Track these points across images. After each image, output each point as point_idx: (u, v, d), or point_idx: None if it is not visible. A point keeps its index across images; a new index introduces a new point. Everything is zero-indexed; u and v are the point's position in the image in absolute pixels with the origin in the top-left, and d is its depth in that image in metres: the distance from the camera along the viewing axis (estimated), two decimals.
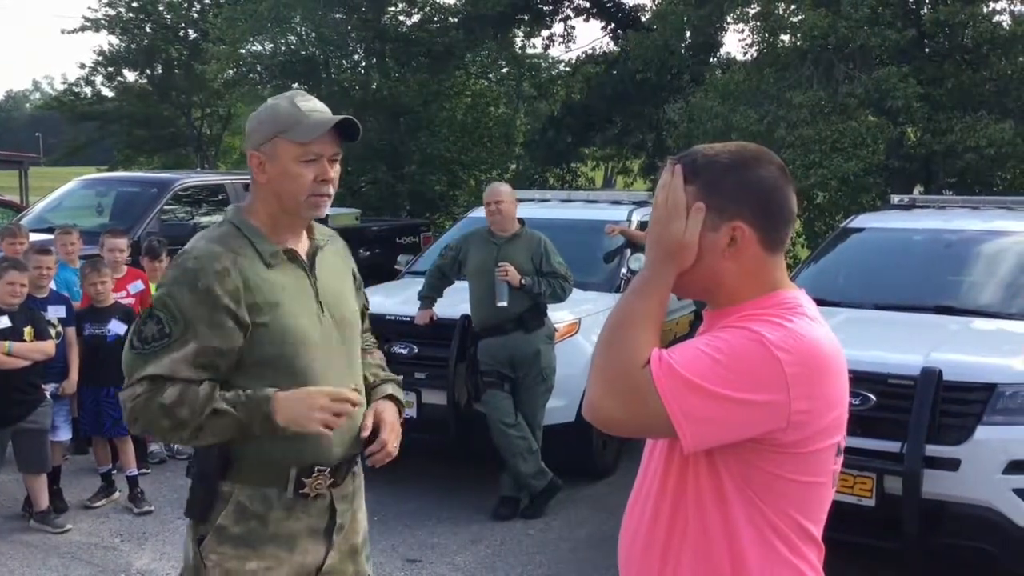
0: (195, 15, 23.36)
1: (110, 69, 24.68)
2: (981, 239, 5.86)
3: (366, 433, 2.45)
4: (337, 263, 2.56)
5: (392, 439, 2.48)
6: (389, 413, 2.53)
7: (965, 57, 12.71)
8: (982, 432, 4.25)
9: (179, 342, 2.24)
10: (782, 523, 1.67)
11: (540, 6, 19.87)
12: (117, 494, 6.03)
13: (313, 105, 2.38)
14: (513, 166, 19.22)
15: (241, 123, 28.16)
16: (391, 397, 2.61)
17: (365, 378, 2.60)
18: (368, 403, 2.55)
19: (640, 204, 8.03)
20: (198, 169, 20.34)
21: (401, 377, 2.79)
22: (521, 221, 5.94)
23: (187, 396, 2.23)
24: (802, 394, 1.60)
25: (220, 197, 9.52)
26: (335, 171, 2.39)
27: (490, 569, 5.09)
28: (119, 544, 5.43)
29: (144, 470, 6.20)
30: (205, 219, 9.45)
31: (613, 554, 5.16)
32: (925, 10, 12.61)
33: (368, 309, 2.77)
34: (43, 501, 5.55)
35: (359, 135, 2.39)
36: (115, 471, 6.04)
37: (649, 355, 1.60)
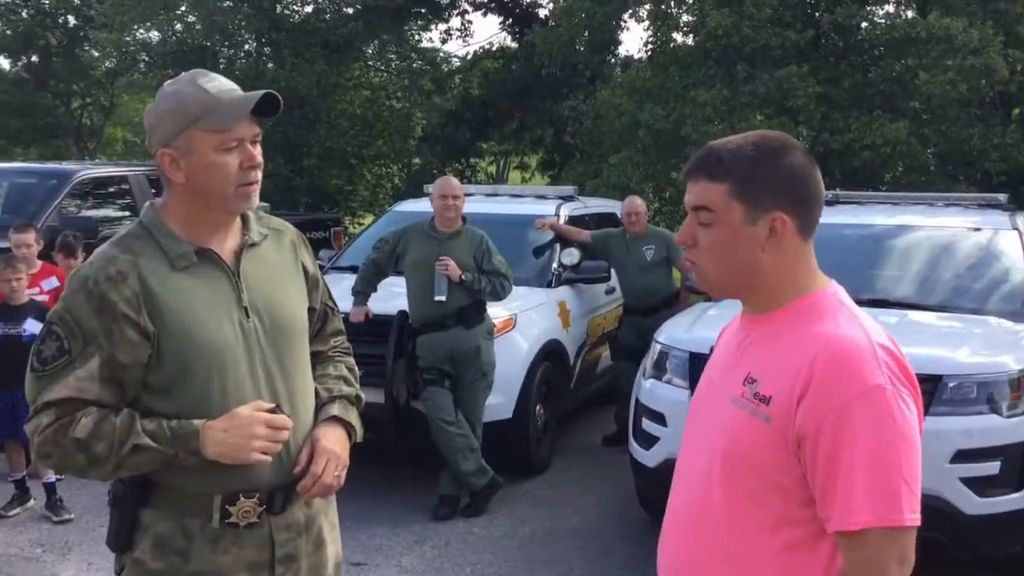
0: (76, 1, 22.37)
1: None
2: (908, 233, 6.04)
3: (300, 467, 2.18)
4: (277, 260, 2.27)
5: (329, 468, 2.19)
6: (326, 439, 2.23)
7: (861, 58, 13.15)
8: (929, 423, 4.34)
9: (81, 357, 2.01)
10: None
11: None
12: (32, 502, 5.71)
13: (220, 84, 2.10)
14: (417, 160, 19.03)
15: (124, 113, 27.22)
16: (337, 419, 2.30)
17: (317, 393, 2.32)
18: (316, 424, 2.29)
19: (567, 199, 8.02)
20: (98, 160, 19.55)
21: (356, 393, 2.42)
22: (464, 218, 5.84)
23: (103, 429, 1.99)
24: (902, 371, 1.68)
25: (123, 188, 9.11)
26: (258, 152, 2.13)
27: (438, 570, 4.99)
28: (41, 555, 5.13)
29: (60, 476, 5.86)
30: (107, 212, 9.08)
31: (561, 550, 5.20)
32: (822, 12, 13.00)
33: (335, 310, 2.49)
34: None
35: (279, 110, 2.11)
36: (29, 477, 5.72)
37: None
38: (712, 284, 1.80)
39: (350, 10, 18.24)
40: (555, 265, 7.14)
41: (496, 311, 6.03)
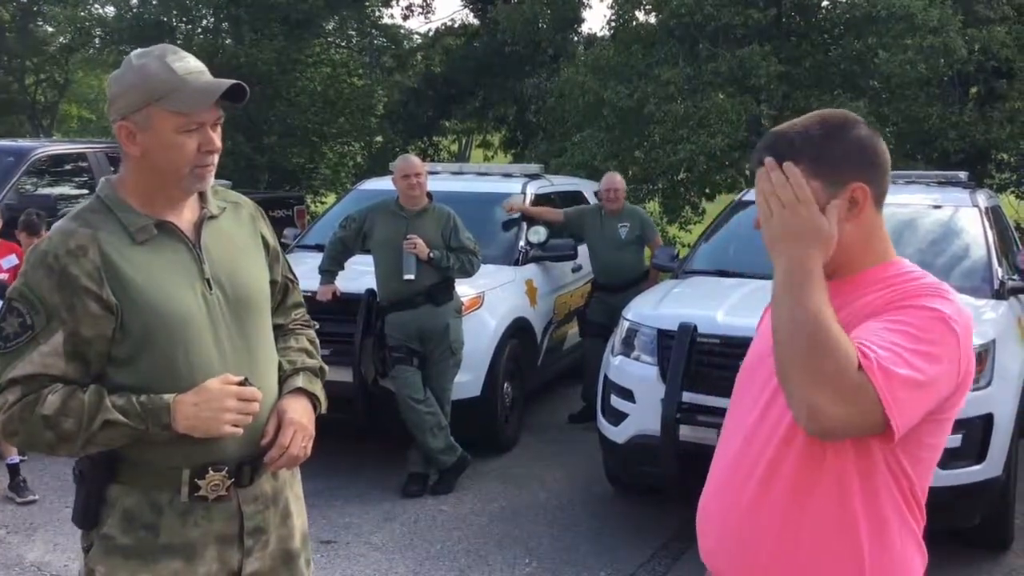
0: None
1: None
2: None
3: (266, 439, 2.19)
4: (237, 233, 2.28)
5: (296, 440, 2.21)
6: (293, 411, 2.25)
7: (822, 37, 13.22)
8: None
9: (44, 332, 2.00)
10: (913, 490, 1.70)
11: None
12: None
13: (188, 65, 2.07)
14: (379, 138, 18.87)
15: (79, 90, 26.75)
16: (302, 391, 2.31)
17: (281, 366, 2.33)
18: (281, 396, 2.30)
19: (533, 177, 8.01)
20: (54, 137, 19.21)
21: (320, 365, 2.43)
22: (429, 196, 5.82)
23: (71, 405, 1.98)
24: (966, 360, 1.66)
25: (81, 166, 8.96)
26: (218, 136, 2.12)
27: (408, 547, 5.00)
28: (6, 536, 5.07)
29: (23, 457, 5.80)
30: (65, 190, 8.93)
31: (531, 526, 5.22)
32: None
33: (295, 282, 2.50)
34: None
35: (246, 98, 2.10)
36: None
37: (856, 356, 1.57)
38: None
39: None
40: (522, 243, 7.14)
41: (464, 289, 6.03)
